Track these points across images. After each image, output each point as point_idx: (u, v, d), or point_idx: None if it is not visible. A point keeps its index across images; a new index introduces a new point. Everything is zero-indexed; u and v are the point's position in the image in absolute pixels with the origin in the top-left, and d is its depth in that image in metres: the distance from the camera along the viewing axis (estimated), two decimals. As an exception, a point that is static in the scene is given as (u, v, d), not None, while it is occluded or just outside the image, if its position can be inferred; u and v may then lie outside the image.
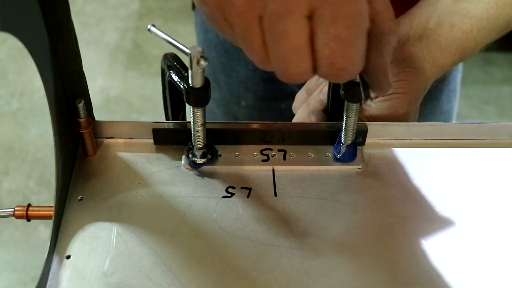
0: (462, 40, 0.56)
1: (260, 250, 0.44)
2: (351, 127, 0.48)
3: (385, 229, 0.46)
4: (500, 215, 0.47)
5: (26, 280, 1.48)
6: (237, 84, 0.80)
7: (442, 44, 0.56)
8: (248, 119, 0.84)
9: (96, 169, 0.49)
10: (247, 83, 0.79)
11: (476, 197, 0.48)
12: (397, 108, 0.52)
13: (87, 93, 0.48)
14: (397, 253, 0.44)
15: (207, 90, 0.43)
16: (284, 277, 0.43)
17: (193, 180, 0.49)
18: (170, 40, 0.42)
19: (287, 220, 0.46)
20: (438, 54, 0.56)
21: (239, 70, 0.78)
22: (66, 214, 0.46)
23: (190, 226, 0.45)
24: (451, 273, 0.43)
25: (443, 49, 0.56)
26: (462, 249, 0.45)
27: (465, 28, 0.56)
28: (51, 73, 0.42)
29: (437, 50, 0.56)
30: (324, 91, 0.54)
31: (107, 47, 2.17)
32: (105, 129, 0.51)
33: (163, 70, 0.47)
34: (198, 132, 0.47)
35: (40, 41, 0.41)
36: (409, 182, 0.49)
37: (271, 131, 0.51)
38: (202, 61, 0.40)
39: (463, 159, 0.52)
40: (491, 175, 0.50)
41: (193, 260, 0.43)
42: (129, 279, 0.42)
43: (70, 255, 0.43)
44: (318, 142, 0.51)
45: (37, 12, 0.40)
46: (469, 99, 1.98)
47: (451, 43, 0.56)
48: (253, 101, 0.81)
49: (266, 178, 0.49)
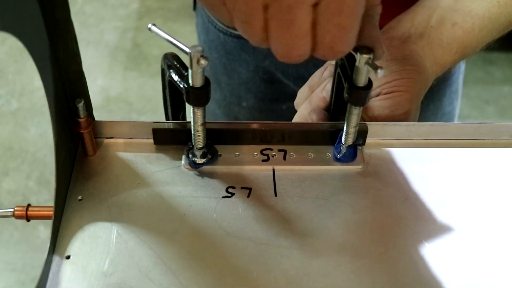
0: (464, 38, 0.56)
1: (260, 250, 0.44)
2: (353, 128, 0.47)
3: (385, 229, 0.46)
4: (501, 215, 0.47)
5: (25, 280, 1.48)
6: (238, 85, 0.80)
7: (443, 43, 0.56)
8: (249, 120, 0.84)
9: (96, 169, 0.49)
10: (248, 84, 0.79)
11: (476, 197, 0.48)
12: (399, 106, 0.52)
13: (87, 93, 0.48)
14: (397, 253, 0.44)
15: (207, 90, 0.43)
16: (284, 277, 0.42)
17: (193, 180, 0.49)
18: (170, 40, 0.42)
19: (287, 220, 0.46)
20: (439, 52, 0.56)
21: (240, 71, 0.78)
22: (66, 214, 0.46)
23: (190, 226, 0.45)
24: (452, 273, 0.43)
25: (444, 47, 0.56)
26: (462, 249, 0.45)
27: (467, 27, 0.56)
28: (50, 73, 0.42)
29: (438, 49, 0.56)
30: (327, 88, 0.54)
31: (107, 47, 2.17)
32: (105, 129, 0.51)
33: (163, 69, 0.47)
34: (198, 132, 0.47)
35: (40, 41, 0.40)
36: (409, 182, 0.49)
37: (271, 131, 0.50)
38: (202, 61, 0.40)
39: (464, 159, 0.52)
40: (492, 175, 0.50)
41: (193, 260, 0.43)
42: (129, 279, 0.42)
43: (70, 255, 0.43)
44: (318, 142, 0.51)
45: (36, 12, 0.39)
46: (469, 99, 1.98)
47: (452, 41, 0.56)
48: (254, 102, 0.81)
49: (266, 178, 0.49)
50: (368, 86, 0.43)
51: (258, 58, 0.74)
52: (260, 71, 0.76)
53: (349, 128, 0.48)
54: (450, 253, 0.44)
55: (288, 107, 0.82)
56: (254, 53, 0.74)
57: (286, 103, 0.81)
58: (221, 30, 0.74)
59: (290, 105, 0.81)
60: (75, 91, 0.46)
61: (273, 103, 0.82)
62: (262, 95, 0.80)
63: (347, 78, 0.44)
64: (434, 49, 0.56)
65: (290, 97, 0.79)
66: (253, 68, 0.76)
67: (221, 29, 0.74)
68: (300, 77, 0.75)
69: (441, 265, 0.44)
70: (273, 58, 0.73)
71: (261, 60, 0.74)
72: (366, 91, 0.43)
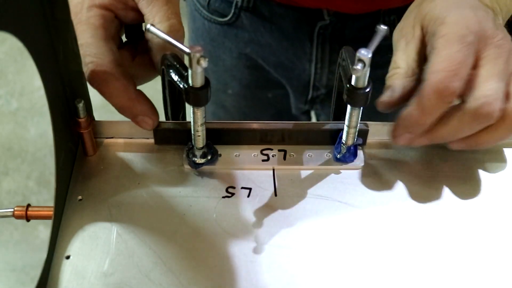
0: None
1: (260, 250, 0.44)
2: (353, 129, 0.47)
3: (385, 229, 0.46)
4: (501, 215, 0.47)
5: (25, 280, 1.48)
6: (223, 72, 0.80)
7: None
8: (235, 108, 0.85)
9: (96, 169, 0.49)
10: (232, 71, 0.79)
11: (477, 197, 0.48)
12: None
13: (86, 93, 0.48)
14: (397, 253, 0.44)
15: (207, 90, 0.43)
16: (284, 277, 0.43)
17: (193, 180, 0.49)
18: (169, 40, 0.42)
19: (287, 220, 0.46)
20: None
21: (224, 58, 0.78)
22: (66, 214, 0.46)
23: (190, 226, 0.45)
24: (452, 273, 0.43)
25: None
26: (462, 249, 0.45)
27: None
28: (51, 73, 0.42)
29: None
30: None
31: (107, 47, 2.17)
32: (105, 129, 0.51)
33: (163, 69, 0.47)
34: (198, 132, 0.47)
35: (40, 41, 0.41)
36: (409, 182, 0.49)
37: (271, 130, 0.50)
38: (202, 61, 0.40)
39: (464, 159, 0.51)
40: (492, 175, 0.50)
41: (193, 260, 0.43)
42: (129, 279, 0.42)
43: (70, 255, 0.43)
44: (318, 142, 0.51)
45: (37, 12, 0.39)
46: (469, 99, 1.97)
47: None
48: (239, 89, 0.82)
49: (266, 178, 0.49)
50: (367, 87, 0.43)
51: (240, 45, 0.75)
52: (243, 57, 0.76)
53: (349, 129, 0.48)
54: (450, 253, 0.44)
55: (274, 95, 0.82)
56: (236, 40, 0.74)
57: (272, 91, 0.81)
58: (206, 18, 0.75)
59: (276, 93, 0.81)
60: (75, 91, 0.46)
61: (258, 90, 0.82)
62: (247, 82, 0.80)
63: (347, 79, 0.44)
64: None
65: (275, 85, 0.79)
66: (236, 55, 0.76)
67: (206, 16, 0.75)
68: (280, 64, 0.75)
69: (442, 265, 0.44)
70: (254, 45, 0.74)
71: (242, 47, 0.75)
72: (365, 92, 0.43)
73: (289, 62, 0.74)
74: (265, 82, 0.80)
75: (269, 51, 0.74)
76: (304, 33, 0.70)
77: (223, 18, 0.73)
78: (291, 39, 0.71)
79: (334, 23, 0.68)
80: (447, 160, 0.51)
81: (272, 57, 0.75)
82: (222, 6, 0.72)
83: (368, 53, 0.40)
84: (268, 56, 0.75)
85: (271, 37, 0.72)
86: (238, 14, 0.71)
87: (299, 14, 0.69)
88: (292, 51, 0.73)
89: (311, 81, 0.75)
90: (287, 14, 0.69)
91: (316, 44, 0.70)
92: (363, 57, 0.40)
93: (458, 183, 0.49)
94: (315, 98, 0.78)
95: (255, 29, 0.72)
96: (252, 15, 0.71)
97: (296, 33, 0.71)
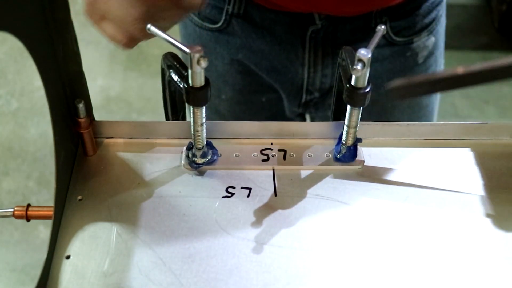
0: None
1: (260, 250, 0.44)
2: (353, 129, 0.47)
3: (385, 229, 0.46)
4: (501, 215, 0.47)
5: (25, 280, 1.47)
6: (215, 78, 0.80)
7: None
8: (230, 113, 0.85)
9: (96, 169, 0.49)
10: (225, 77, 0.79)
11: (477, 197, 0.48)
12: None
13: (87, 93, 0.48)
14: (397, 253, 0.44)
15: (206, 90, 0.43)
16: (284, 277, 0.43)
17: (193, 180, 0.49)
18: (169, 40, 0.42)
19: (287, 220, 0.46)
20: None
21: (216, 64, 0.78)
22: (66, 214, 0.46)
23: (190, 226, 0.45)
24: (452, 273, 0.43)
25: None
26: (463, 249, 0.45)
27: None
28: (51, 73, 0.42)
29: None
30: None
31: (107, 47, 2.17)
32: (105, 129, 0.51)
33: (163, 69, 0.47)
34: (198, 132, 0.47)
35: (40, 41, 0.41)
36: (409, 182, 0.49)
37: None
38: (202, 61, 0.40)
39: (464, 159, 0.51)
40: (492, 175, 0.50)
41: (193, 260, 0.43)
42: (129, 279, 0.42)
43: (70, 255, 0.43)
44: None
45: (37, 12, 0.39)
46: (469, 99, 1.98)
47: None
48: (232, 95, 0.82)
49: (266, 178, 0.49)
50: (367, 87, 0.43)
51: (232, 51, 0.75)
52: (235, 63, 0.76)
53: (349, 129, 0.48)
54: (450, 253, 0.44)
55: (267, 99, 0.82)
56: (228, 46, 0.74)
57: (265, 95, 0.81)
58: (197, 24, 0.75)
59: (269, 97, 0.81)
60: (75, 91, 0.46)
61: (252, 94, 0.82)
62: (240, 87, 0.80)
63: (347, 79, 0.44)
64: None
65: (268, 89, 0.79)
66: (228, 61, 0.76)
67: (197, 23, 0.75)
68: (273, 69, 0.75)
69: (442, 265, 0.44)
70: (246, 51, 0.73)
71: (234, 53, 0.75)
72: (365, 92, 0.43)
73: (282, 67, 0.74)
74: (258, 87, 0.80)
75: (261, 56, 0.74)
76: (296, 37, 0.70)
77: (214, 25, 0.73)
78: (283, 44, 0.71)
79: (325, 27, 0.68)
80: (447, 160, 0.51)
81: (264, 62, 0.75)
82: (213, 13, 0.72)
83: (368, 53, 0.40)
84: (260, 61, 0.75)
85: (263, 43, 0.72)
86: (229, 21, 0.72)
87: (290, 19, 0.69)
88: (284, 56, 0.73)
89: (304, 85, 0.75)
90: (278, 19, 0.69)
91: (308, 48, 0.71)
92: (363, 57, 0.40)
93: (458, 182, 0.49)
94: (308, 102, 0.78)
95: (247, 35, 0.72)
96: (243, 21, 0.71)
97: (288, 38, 0.71)
